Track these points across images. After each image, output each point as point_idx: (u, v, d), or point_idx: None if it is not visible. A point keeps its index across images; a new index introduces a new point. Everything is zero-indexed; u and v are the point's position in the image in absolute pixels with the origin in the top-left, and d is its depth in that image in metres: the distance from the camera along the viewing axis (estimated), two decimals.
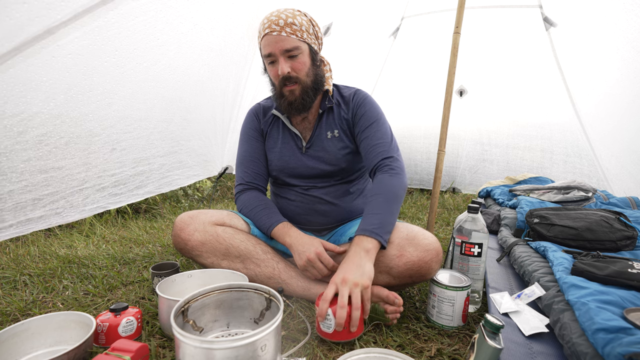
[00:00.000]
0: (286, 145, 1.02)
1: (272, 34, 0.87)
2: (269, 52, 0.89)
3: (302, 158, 1.00)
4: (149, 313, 0.85)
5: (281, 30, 0.86)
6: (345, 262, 0.75)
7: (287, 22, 0.87)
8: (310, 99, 0.94)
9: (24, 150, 1.00)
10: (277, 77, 0.91)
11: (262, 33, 0.89)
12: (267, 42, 0.88)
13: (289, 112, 0.95)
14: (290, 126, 1.01)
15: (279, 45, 0.87)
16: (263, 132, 1.05)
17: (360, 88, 1.04)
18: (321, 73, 0.96)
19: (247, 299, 0.69)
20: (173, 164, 1.58)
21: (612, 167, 1.97)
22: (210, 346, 0.49)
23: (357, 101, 0.99)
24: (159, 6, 1.10)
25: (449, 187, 2.72)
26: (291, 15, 0.88)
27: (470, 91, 2.46)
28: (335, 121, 0.99)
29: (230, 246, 0.90)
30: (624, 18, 1.45)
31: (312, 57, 0.93)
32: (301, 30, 0.88)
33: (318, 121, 1.00)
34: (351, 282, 0.70)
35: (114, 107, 1.19)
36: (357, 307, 0.69)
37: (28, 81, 0.92)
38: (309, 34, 0.91)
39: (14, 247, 1.37)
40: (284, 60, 0.88)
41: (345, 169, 1.01)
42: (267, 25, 0.88)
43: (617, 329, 0.51)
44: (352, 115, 0.98)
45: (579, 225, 1.00)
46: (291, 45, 0.87)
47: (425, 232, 0.85)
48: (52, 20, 0.86)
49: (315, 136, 1.00)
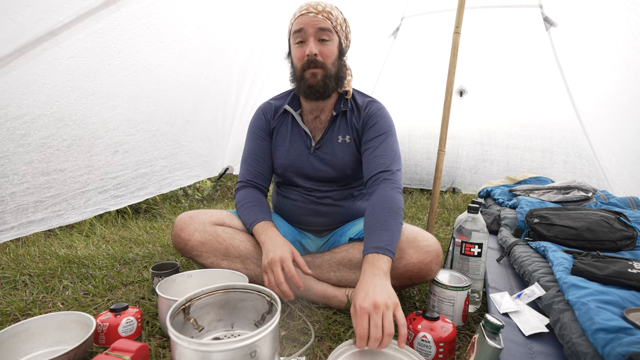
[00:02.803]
0: (295, 143, 1.01)
1: (308, 15, 0.89)
2: (300, 28, 0.88)
3: (310, 158, 1.00)
4: (149, 313, 0.86)
5: (318, 13, 0.88)
6: (366, 284, 0.67)
7: (325, 9, 0.89)
8: (331, 87, 0.93)
9: (27, 152, 1.00)
10: (302, 58, 0.90)
11: (298, 14, 0.90)
12: (301, 20, 0.89)
13: (308, 96, 0.94)
14: (302, 124, 1.00)
15: (313, 22, 0.88)
16: (270, 130, 1.04)
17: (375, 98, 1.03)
18: (344, 71, 0.97)
19: (250, 301, 0.68)
20: (174, 165, 1.59)
21: (612, 167, 1.96)
22: (203, 348, 0.49)
23: (370, 111, 0.98)
24: (162, 8, 1.10)
25: (449, 187, 2.72)
26: (329, 6, 0.91)
27: (470, 91, 2.46)
28: (348, 127, 0.99)
29: (230, 246, 0.90)
30: (625, 18, 1.45)
31: (339, 51, 0.93)
32: (337, 22, 0.91)
33: (331, 123, 0.99)
34: (383, 305, 0.62)
35: (118, 109, 1.20)
36: (390, 334, 0.60)
37: (31, 83, 0.92)
38: (342, 29, 0.93)
39: (14, 247, 1.37)
40: (314, 41, 0.89)
41: (349, 176, 1.01)
42: (304, 8, 0.90)
43: (617, 329, 0.51)
44: (362, 124, 0.98)
45: (579, 225, 1.00)
46: (325, 26, 0.88)
47: (425, 234, 0.85)
48: (54, 23, 0.87)
49: (325, 138, 0.99)
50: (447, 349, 0.67)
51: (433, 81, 2.37)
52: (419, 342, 0.68)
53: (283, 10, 1.58)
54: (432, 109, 2.40)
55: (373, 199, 0.85)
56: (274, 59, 1.79)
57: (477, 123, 2.53)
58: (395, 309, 0.63)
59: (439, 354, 0.67)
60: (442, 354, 0.67)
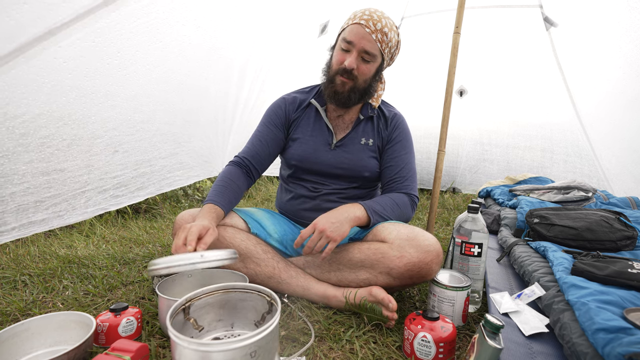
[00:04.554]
0: (315, 137, 1.03)
1: (364, 29, 0.90)
2: (350, 40, 0.91)
3: (329, 154, 1.01)
4: (149, 313, 0.85)
5: (374, 32, 0.90)
6: (334, 212, 0.86)
7: (382, 30, 0.91)
8: (354, 100, 0.98)
9: (27, 152, 1.00)
10: (340, 63, 0.93)
11: (356, 20, 0.92)
12: (356, 32, 0.91)
13: (330, 99, 0.99)
14: (326, 119, 1.02)
15: (362, 42, 0.91)
16: (289, 122, 1.06)
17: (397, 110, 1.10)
18: (375, 87, 1.01)
19: (250, 301, 0.68)
20: (174, 165, 1.59)
21: (612, 167, 1.96)
22: (203, 348, 0.49)
23: (396, 123, 1.04)
24: (161, 8, 1.10)
25: (449, 187, 2.72)
26: (389, 27, 0.92)
27: (470, 91, 2.46)
28: (374, 131, 1.03)
29: (230, 245, 0.90)
30: (628, 16, 1.44)
31: (378, 69, 0.97)
32: (387, 45, 0.93)
33: (356, 124, 1.03)
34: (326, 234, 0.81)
35: (117, 109, 1.20)
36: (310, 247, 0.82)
37: (30, 82, 0.92)
38: (390, 52, 0.96)
39: (14, 247, 1.37)
40: (356, 56, 0.92)
41: (364, 178, 1.03)
42: (366, 18, 0.91)
43: (617, 329, 0.51)
44: (389, 134, 1.03)
45: (579, 225, 1.00)
46: (372, 50, 0.92)
47: (425, 233, 0.85)
48: (53, 21, 0.87)
49: (349, 137, 1.02)
50: (447, 349, 0.67)
51: (433, 81, 2.37)
52: (419, 342, 0.68)
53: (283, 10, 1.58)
54: (432, 109, 2.39)
55: (391, 193, 0.98)
56: (275, 59, 1.79)
57: (477, 123, 2.53)
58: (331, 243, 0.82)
59: (439, 354, 0.67)
60: (442, 354, 0.67)
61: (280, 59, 1.85)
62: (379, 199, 0.95)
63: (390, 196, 0.97)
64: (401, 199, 0.98)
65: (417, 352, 0.68)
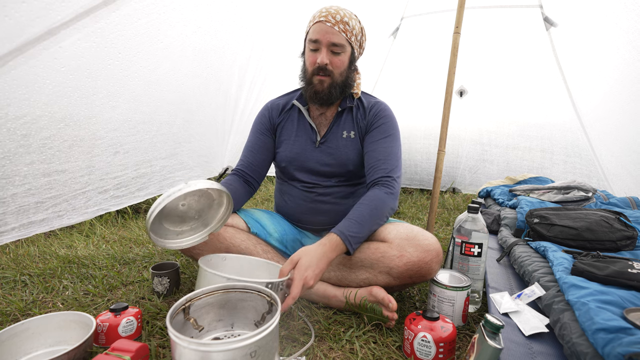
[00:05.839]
0: (300, 137, 1.03)
1: (325, 24, 0.91)
2: (316, 38, 0.92)
3: (314, 152, 1.02)
4: (149, 313, 0.86)
5: (335, 24, 0.90)
6: (315, 253, 0.77)
7: (343, 20, 0.91)
8: (336, 95, 0.97)
9: (28, 153, 1.00)
10: (313, 64, 0.94)
11: (316, 19, 0.92)
12: (319, 29, 0.92)
13: (312, 100, 0.98)
14: (309, 118, 1.03)
15: (328, 36, 0.91)
16: (274, 127, 1.07)
17: (380, 100, 1.06)
18: (352, 78, 1.00)
19: (250, 301, 0.69)
20: (174, 165, 1.59)
21: (612, 167, 1.96)
22: (203, 348, 0.49)
23: (376, 111, 1.02)
24: (162, 8, 1.10)
25: (449, 187, 2.72)
26: (348, 16, 0.93)
27: (470, 91, 2.46)
28: (353, 123, 1.02)
29: (231, 245, 0.90)
30: (625, 17, 1.45)
31: (350, 60, 0.97)
32: (352, 33, 0.93)
33: (336, 119, 1.02)
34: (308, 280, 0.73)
35: (118, 110, 1.20)
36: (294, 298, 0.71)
37: (31, 83, 0.92)
38: (357, 40, 0.96)
39: (14, 247, 1.37)
40: (326, 52, 0.92)
41: (351, 172, 1.02)
42: (323, 15, 0.91)
43: (617, 329, 0.51)
44: (367, 123, 1.01)
45: (579, 225, 1.00)
46: (339, 41, 0.91)
47: (425, 233, 0.85)
48: (52, 21, 0.87)
49: (330, 133, 1.02)
50: (447, 349, 0.67)
51: (433, 81, 2.37)
52: (419, 342, 0.68)
53: (283, 10, 1.58)
54: (432, 109, 2.40)
55: (366, 195, 0.90)
56: (274, 59, 1.79)
57: (477, 123, 2.53)
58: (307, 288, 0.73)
59: (439, 354, 0.67)
60: (442, 354, 0.67)
61: (280, 59, 1.85)
62: (354, 213, 0.86)
63: (364, 202, 0.88)
64: (375, 198, 0.88)
65: (417, 352, 0.68)
